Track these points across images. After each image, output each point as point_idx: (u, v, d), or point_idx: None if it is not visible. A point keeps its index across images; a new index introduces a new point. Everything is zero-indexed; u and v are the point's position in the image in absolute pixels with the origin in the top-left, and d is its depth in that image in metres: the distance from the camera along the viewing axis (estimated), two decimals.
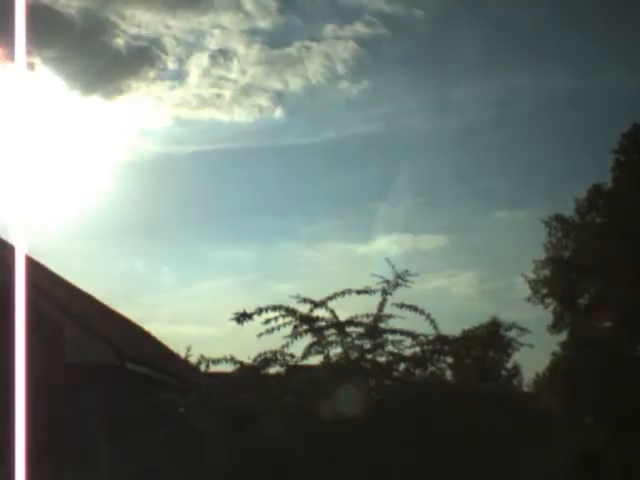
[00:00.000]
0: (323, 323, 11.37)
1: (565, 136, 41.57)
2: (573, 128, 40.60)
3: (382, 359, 11.50)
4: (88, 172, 32.70)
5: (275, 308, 11.21)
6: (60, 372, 11.80)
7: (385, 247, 41.29)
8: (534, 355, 41.48)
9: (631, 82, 36.64)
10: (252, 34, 37.53)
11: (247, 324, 11.29)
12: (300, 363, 11.41)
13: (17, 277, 4.14)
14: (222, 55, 38.37)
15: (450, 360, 12.68)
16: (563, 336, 31.98)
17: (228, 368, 11.52)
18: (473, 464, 10.40)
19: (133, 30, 34.07)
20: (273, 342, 11.28)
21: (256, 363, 11.28)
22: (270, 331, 11.20)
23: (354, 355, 11.37)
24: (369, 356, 11.46)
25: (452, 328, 13.11)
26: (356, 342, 11.39)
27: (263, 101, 41.12)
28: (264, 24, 37.20)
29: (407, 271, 11.44)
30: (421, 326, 11.40)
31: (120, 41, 32.56)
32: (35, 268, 14.55)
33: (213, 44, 38.40)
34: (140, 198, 36.16)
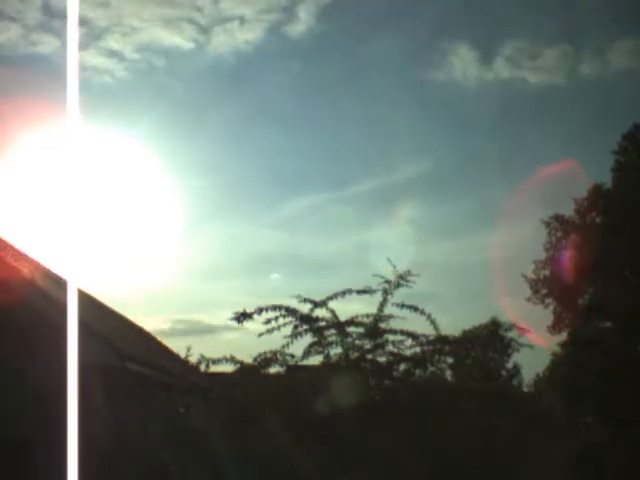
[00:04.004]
0: (323, 323, 11.36)
1: (565, 136, 41.51)
2: (573, 128, 40.54)
3: (382, 359, 11.49)
4: None
5: (275, 308, 11.19)
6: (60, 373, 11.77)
7: None
8: (534, 355, 41.46)
9: (632, 82, 36.62)
10: None
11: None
12: (300, 363, 11.40)
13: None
14: None
15: (450, 360, 12.69)
16: (563, 336, 32.02)
17: (228, 368, 11.53)
18: (473, 464, 10.40)
19: None
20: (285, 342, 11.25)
21: (256, 363, 11.27)
22: (270, 331, 11.19)
23: (354, 355, 11.36)
24: (369, 356, 11.45)
25: None
26: (356, 342, 11.38)
27: None
28: None
29: (409, 271, 11.48)
30: (421, 325, 11.43)
31: None
32: (34, 268, 14.55)
33: None
34: None
